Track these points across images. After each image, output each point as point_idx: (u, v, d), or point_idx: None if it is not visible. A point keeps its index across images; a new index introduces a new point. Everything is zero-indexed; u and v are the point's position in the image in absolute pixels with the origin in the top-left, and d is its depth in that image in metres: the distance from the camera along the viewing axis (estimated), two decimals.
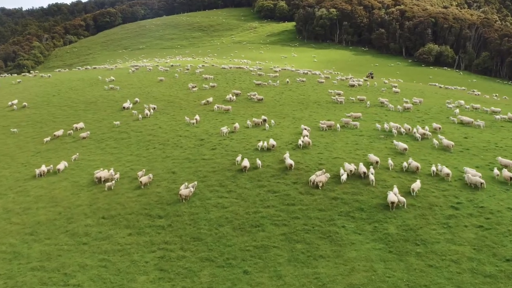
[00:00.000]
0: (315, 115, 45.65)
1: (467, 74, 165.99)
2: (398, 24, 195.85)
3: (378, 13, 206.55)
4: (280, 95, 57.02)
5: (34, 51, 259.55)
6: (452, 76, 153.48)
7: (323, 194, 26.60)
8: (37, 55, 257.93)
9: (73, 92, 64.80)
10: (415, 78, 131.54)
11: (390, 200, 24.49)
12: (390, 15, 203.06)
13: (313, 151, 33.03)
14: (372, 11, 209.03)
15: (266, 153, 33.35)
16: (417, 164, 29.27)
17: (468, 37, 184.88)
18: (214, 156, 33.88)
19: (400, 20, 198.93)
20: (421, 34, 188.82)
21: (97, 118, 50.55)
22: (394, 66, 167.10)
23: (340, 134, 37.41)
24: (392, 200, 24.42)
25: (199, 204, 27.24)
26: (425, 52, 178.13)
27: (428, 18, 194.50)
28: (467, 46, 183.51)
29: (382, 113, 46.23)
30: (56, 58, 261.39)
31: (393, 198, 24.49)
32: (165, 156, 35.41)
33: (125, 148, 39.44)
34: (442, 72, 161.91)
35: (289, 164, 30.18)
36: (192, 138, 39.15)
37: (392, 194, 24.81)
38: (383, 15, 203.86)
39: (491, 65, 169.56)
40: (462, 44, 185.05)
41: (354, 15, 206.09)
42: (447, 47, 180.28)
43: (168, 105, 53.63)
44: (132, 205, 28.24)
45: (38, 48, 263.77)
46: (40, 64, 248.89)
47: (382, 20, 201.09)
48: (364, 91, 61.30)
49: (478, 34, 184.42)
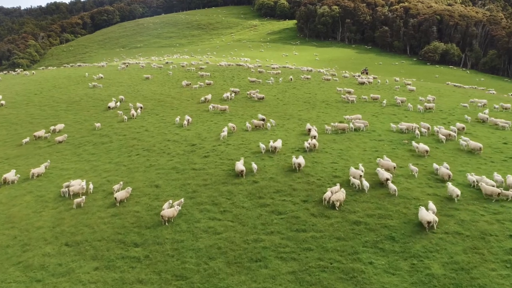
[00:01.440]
0: (324, 116, 40.08)
1: (474, 72, 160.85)
2: (402, 22, 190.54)
3: (381, 10, 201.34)
4: (283, 94, 51.46)
5: (29, 50, 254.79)
6: (459, 75, 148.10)
7: (341, 216, 21.09)
8: (32, 53, 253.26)
9: (56, 91, 59.28)
10: (420, 77, 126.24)
11: (425, 219, 19.20)
12: (393, 12, 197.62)
13: (326, 160, 27.51)
14: (375, 9, 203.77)
15: (268, 161, 27.82)
16: (448, 171, 24.08)
17: (474, 34, 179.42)
18: (207, 165, 28.37)
19: (404, 18, 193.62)
20: (426, 31, 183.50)
21: (78, 119, 45.04)
22: (399, 65, 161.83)
23: (356, 139, 31.85)
24: (428, 219, 19.07)
25: (185, 228, 21.75)
26: (431, 50, 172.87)
27: (433, 15, 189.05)
28: (473, 44, 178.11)
29: (400, 114, 40.63)
30: (52, 57, 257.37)
31: (429, 217, 19.15)
32: (148, 165, 29.88)
33: (104, 154, 33.91)
34: (448, 70, 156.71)
35: (296, 164, 25.30)
36: (182, 143, 33.62)
37: (426, 211, 19.63)
38: (386, 13, 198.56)
39: (498, 64, 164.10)
40: (468, 42, 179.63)
41: (357, 13, 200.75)
42: (453, 45, 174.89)
43: (157, 105, 48.09)
44: (103, 228, 22.74)
45: (33, 47, 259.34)
46: (35, 63, 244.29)
47: (386, 17, 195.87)
48: (375, 89, 55.69)
49: (484, 31, 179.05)
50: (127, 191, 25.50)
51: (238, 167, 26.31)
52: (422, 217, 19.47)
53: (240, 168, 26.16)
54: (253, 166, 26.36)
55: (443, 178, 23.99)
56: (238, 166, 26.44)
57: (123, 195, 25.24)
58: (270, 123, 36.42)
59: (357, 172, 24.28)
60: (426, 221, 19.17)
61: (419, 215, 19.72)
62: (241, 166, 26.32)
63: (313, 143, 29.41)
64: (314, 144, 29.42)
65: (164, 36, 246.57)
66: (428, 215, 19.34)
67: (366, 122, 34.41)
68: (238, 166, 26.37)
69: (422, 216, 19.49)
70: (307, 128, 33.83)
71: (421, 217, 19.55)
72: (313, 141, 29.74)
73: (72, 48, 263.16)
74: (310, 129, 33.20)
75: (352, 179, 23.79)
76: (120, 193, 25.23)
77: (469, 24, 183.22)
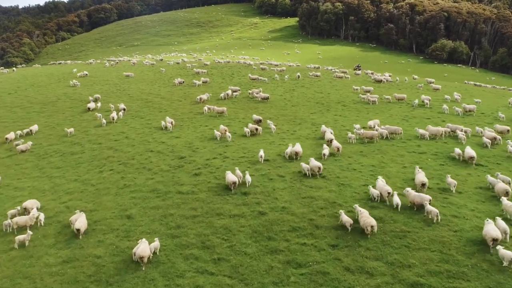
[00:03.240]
0: (343, 120, 33.17)
1: (483, 71, 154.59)
2: (408, 19, 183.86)
3: (386, 7, 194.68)
4: (290, 93, 44.44)
5: (23, 48, 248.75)
6: (468, 74, 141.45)
7: (390, 273, 14.29)
8: (27, 52, 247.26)
9: (33, 90, 52.44)
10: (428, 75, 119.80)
11: (490, 235, 14.53)
12: (399, 9, 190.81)
13: (356, 181, 20.66)
14: (379, 5, 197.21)
15: (278, 182, 21.01)
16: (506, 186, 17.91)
17: (483, 32, 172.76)
18: (197, 187, 21.56)
19: (410, 15, 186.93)
20: (433, 29, 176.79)
21: (50, 123, 38.21)
22: (405, 63, 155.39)
23: (389, 150, 24.97)
24: (495, 236, 14.41)
25: (161, 285, 15.00)
26: (438, 48, 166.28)
27: (440, 12, 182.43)
28: (482, 42, 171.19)
29: (436, 117, 33.70)
30: (47, 56, 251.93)
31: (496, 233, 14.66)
32: (122, 185, 23.05)
33: (71, 169, 27.09)
34: (457, 69, 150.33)
35: (308, 168, 20.72)
36: (168, 155, 26.78)
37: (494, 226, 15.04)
38: (391, 10, 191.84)
39: (509, 62, 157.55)
40: (477, 39, 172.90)
41: (361, 10, 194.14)
42: (461, 43, 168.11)
43: (144, 106, 41.14)
44: (48, 283, 15.98)
45: (28, 45, 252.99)
46: (30, 61, 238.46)
47: (391, 14, 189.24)
48: (396, 88, 48.71)
49: (494, 29, 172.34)
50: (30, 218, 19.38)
51: (229, 178, 20.55)
52: (487, 233, 15.03)
53: (232, 179, 20.40)
54: (247, 178, 20.80)
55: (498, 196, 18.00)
56: (229, 177, 20.66)
57: (81, 225, 18.53)
58: (269, 125, 30.21)
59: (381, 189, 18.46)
60: (491, 238, 14.52)
61: (484, 230, 15.30)
62: (233, 177, 20.73)
63: (337, 146, 23.57)
64: (337, 148, 23.46)
65: (162, 34, 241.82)
66: (495, 230, 14.63)
67: (400, 128, 27.48)
68: (230, 177, 20.57)
69: (488, 231, 14.85)
70: (323, 130, 27.73)
71: (486, 232, 15.14)
72: (335, 143, 23.87)
73: (68, 46, 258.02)
74: (326, 132, 27.34)
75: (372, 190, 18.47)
76: (79, 224, 18.51)
77: (478, 21, 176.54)
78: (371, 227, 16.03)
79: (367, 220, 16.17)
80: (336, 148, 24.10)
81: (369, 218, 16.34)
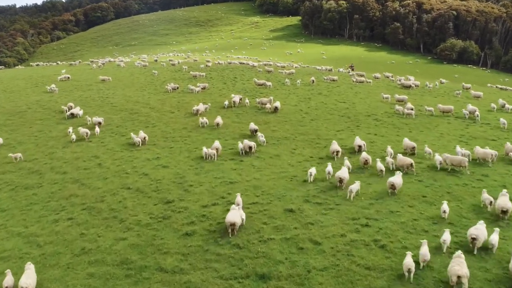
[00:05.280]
0: (381, 140, 25.70)
1: (495, 72, 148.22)
2: (415, 18, 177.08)
3: (392, 5, 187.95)
4: (306, 103, 36.63)
5: (17, 48, 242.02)
6: (480, 75, 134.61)
7: None
8: (20, 52, 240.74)
9: (4, 96, 45.05)
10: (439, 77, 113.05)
11: None
12: (405, 7, 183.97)
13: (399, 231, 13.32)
14: (385, 4, 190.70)
15: (313, 254, 13.70)
16: None
17: (494, 31, 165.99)
18: (189, 260, 14.15)
19: (417, 13, 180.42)
20: (441, 28, 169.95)
21: (11, 141, 30.81)
22: (413, 64, 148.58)
23: (448, 180, 17.56)
24: None
25: None
26: (447, 48, 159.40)
27: (448, 10, 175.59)
28: (493, 41, 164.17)
29: (495, 135, 26.32)
30: (41, 55, 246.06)
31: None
32: (79, 250, 15.61)
33: (18, 213, 19.71)
34: (467, 70, 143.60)
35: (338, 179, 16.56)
36: (151, 196, 19.36)
37: None
38: (397, 8, 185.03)
39: None
40: (487, 39, 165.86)
41: (366, 8, 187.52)
42: (472, 43, 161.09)
43: (128, 119, 33.55)
44: None
45: (22, 45, 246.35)
46: (23, 61, 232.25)
47: (397, 13, 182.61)
48: (429, 95, 41.17)
49: (505, 28, 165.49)
50: None
51: (230, 218, 13.99)
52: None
53: (232, 219, 13.85)
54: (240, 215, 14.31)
55: None
56: (230, 216, 13.85)
57: None
58: (259, 138, 23.66)
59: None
60: None
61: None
62: (234, 217, 14.68)
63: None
64: (366, 160, 18.74)
65: (160, 34, 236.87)
66: None
67: (465, 159, 19.82)
68: (231, 217, 13.81)
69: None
70: (356, 144, 21.27)
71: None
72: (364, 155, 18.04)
73: (63, 46, 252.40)
74: (361, 146, 23.44)
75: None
76: None
77: (488, 20, 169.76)
78: None
79: None
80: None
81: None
